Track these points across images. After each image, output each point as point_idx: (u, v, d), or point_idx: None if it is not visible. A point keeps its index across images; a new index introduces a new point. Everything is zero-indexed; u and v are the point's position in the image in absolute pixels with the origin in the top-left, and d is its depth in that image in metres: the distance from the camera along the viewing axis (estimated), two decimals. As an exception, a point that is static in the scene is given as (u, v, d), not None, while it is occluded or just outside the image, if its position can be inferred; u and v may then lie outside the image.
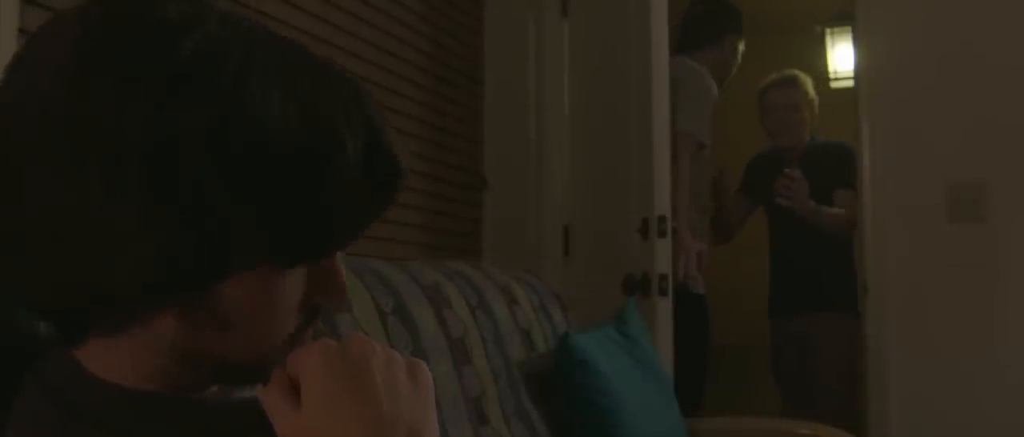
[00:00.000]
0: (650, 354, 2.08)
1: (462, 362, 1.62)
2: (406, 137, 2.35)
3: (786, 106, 3.18)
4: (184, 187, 0.55)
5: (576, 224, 2.67)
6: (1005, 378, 2.64)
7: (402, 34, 2.37)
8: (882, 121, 2.80)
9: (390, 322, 1.47)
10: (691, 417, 2.21)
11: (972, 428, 2.64)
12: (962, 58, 2.72)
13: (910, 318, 2.73)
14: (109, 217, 0.55)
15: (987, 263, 2.68)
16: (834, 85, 3.83)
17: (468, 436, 1.54)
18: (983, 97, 2.69)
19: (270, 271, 0.62)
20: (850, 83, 3.30)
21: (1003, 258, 2.67)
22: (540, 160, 2.69)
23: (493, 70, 2.76)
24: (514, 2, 2.75)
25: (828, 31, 3.89)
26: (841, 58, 3.82)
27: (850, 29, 3.24)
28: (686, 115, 2.75)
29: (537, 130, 2.69)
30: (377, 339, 0.76)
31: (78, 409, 0.63)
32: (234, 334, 0.63)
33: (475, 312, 1.75)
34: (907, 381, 2.72)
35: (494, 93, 2.75)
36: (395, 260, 1.72)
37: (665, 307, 2.44)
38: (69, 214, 0.56)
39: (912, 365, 2.72)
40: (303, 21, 1.98)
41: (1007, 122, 2.68)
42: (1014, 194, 2.66)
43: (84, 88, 0.56)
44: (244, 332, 0.63)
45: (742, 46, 3.07)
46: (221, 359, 0.63)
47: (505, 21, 2.75)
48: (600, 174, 2.62)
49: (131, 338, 0.62)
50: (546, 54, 2.70)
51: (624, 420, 1.82)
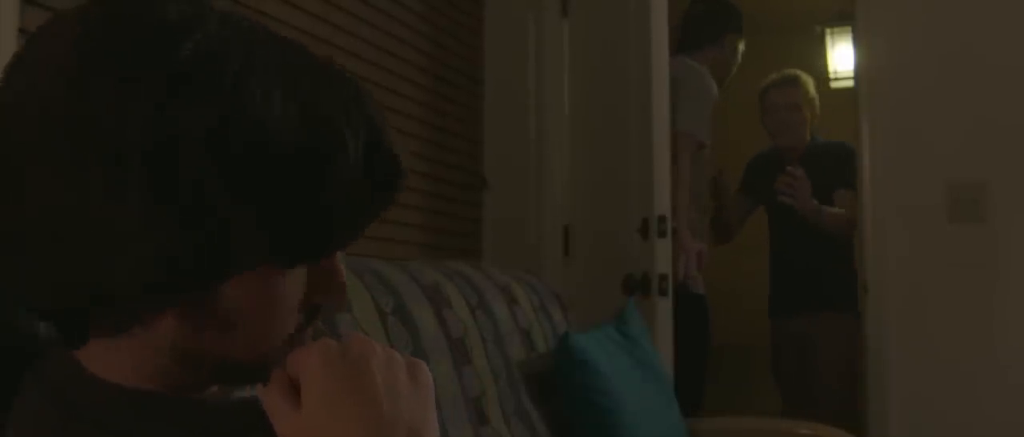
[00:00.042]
0: (650, 354, 2.08)
1: (462, 362, 1.62)
2: (406, 137, 2.35)
3: (787, 106, 3.18)
4: (184, 187, 0.55)
5: (576, 224, 2.67)
6: (1005, 378, 2.64)
7: (402, 34, 2.37)
8: (882, 121, 2.80)
9: (390, 322, 1.47)
10: (691, 417, 2.21)
11: (972, 428, 2.64)
12: (962, 58, 2.72)
13: (910, 318, 2.72)
14: (109, 217, 0.55)
15: (987, 263, 2.68)
16: (834, 85, 3.83)
17: (468, 436, 1.54)
18: (983, 97, 2.69)
19: (270, 271, 0.62)
20: (850, 83, 3.30)
21: (1003, 258, 2.67)
22: (540, 160, 2.69)
23: (493, 70, 2.76)
24: (514, 2, 2.75)
25: (828, 31, 3.88)
26: (841, 58, 3.82)
27: (850, 29, 3.24)
28: (686, 115, 2.75)
29: (537, 130, 2.69)
30: (377, 339, 0.76)
31: (78, 409, 0.63)
32: (235, 334, 0.63)
33: (475, 312, 1.75)
34: (907, 381, 2.72)
35: (494, 93, 2.75)
36: (395, 260, 1.72)
37: (665, 307, 2.44)
38: (69, 214, 0.56)
39: (912, 365, 2.72)
40: (303, 21, 1.98)
41: (1007, 122, 2.68)
42: (1014, 194, 2.66)
43: (84, 88, 0.56)
44: (245, 332, 0.63)
45: (742, 46, 3.07)
46: (222, 359, 0.64)
47: (505, 21, 2.75)
48: (600, 174, 2.62)
49: (131, 338, 0.62)
50: (546, 54, 2.70)
51: (624, 420, 1.82)
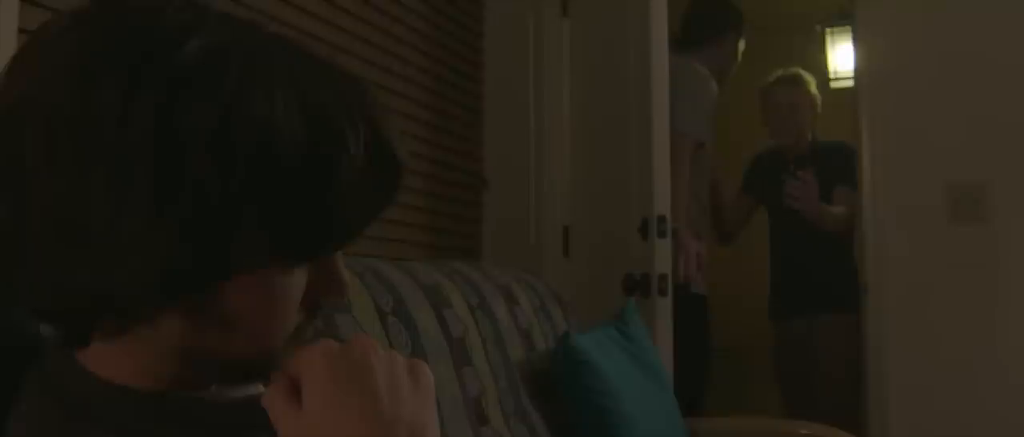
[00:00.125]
0: (650, 354, 2.07)
1: (462, 362, 1.62)
2: (406, 137, 2.35)
3: (788, 105, 3.18)
4: (187, 188, 0.55)
5: (576, 224, 2.67)
6: (1005, 378, 2.65)
7: (402, 34, 2.37)
8: (882, 121, 2.80)
9: (390, 322, 1.47)
10: (691, 417, 2.20)
11: (972, 428, 2.64)
12: (962, 58, 2.72)
13: (910, 318, 2.73)
14: (111, 219, 0.55)
15: (987, 263, 2.68)
16: (834, 85, 3.83)
17: (468, 436, 1.54)
18: (983, 97, 2.70)
19: (273, 270, 0.62)
20: (850, 83, 3.30)
21: (1003, 258, 2.67)
22: (540, 160, 2.68)
23: (493, 70, 2.76)
24: (514, 2, 2.74)
25: (828, 31, 3.88)
26: (841, 58, 3.82)
27: (850, 29, 3.24)
28: (684, 115, 2.74)
29: (537, 130, 2.69)
30: (377, 339, 0.76)
31: (80, 408, 0.63)
32: (237, 333, 0.63)
33: (475, 312, 1.75)
34: (907, 381, 2.72)
35: (494, 93, 2.75)
36: (395, 260, 1.72)
37: (665, 307, 2.44)
38: (71, 216, 0.56)
39: (912, 365, 2.72)
40: (303, 21, 1.98)
41: (1007, 122, 2.68)
42: (1014, 194, 2.66)
43: (86, 91, 0.56)
44: (247, 331, 0.63)
45: (742, 45, 3.07)
46: (223, 358, 0.64)
47: (505, 21, 2.75)
48: (600, 174, 2.62)
49: (133, 338, 0.62)
50: (546, 54, 2.70)
51: (624, 420, 1.82)
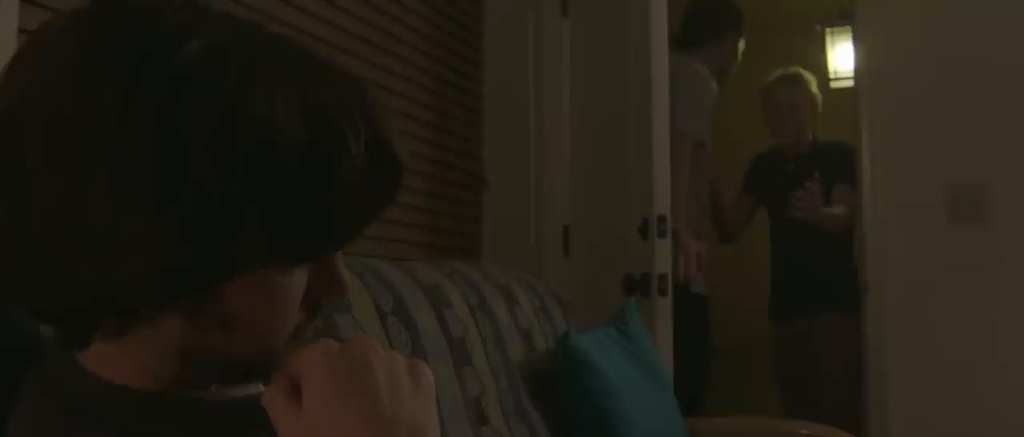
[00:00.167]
0: (650, 354, 2.07)
1: (462, 362, 1.62)
2: (406, 137, 2.35)
3: (789, 104, 3.18)
4: (187, 189, 0.55)
5: (576, 224, 2.67)
6: (1005, 378, 2.64)
7: (402, 34, 2.37)
8: (882, 121, 2.80)
9: (390, 322, 1.47)
10: (691, 417, 2.20)
11: (972, 428, 2.64)
12: (961, 57, 2.72)
13: (910, 318, 2.72)
14: (112, 219, 0.55)
15: (987, 263, 2.68)
16: (834, 85, 3.83)
17: (468, 436, 1.54)
18: (983, 97, 2.69)
19: (273, 270, 0.62)
20: (850, 83, 3.30)
21: (1003, 258, 2.67)
22: (540, 160, 2.68)
23: (493, 70, 2.76)
24: (514, 2, 2.74)
25: (828, 31, 3.88)
26: (841, 58, 3.82)
27: (850, 29, 3.24)
28: (684, 115, 2.74)
29: (537, 130, 2.69)
30: (377, 339, 0.76)
31: (80, 408, 0.63)
32: (237, 333, 0.63)
33: (475, 312, 1.74)
34: (907, 381, 2.72)
35: (494, 93, 2.75)
36: (395, 260, 1.72)
37: (665, 307, 2.44)
38: (72, 217, 0.56)
39: (912, 365, 2.72)
40: (303, 21, 1.98)
41: (1007, 122, 2.68)
42: (1014, 194, 2.66)
43: (87, 91, 0.56)
44: (247, 331, 0.63)
45: (742, 45, 3.07)
46: (224, 357, 0.64)
47: (505, 21, 2.75)
48: (600, 174, 2.62)
49: (133, 338, 0.62)
50: (546, 54, 2.70)
51: (624, 420, 1.82)
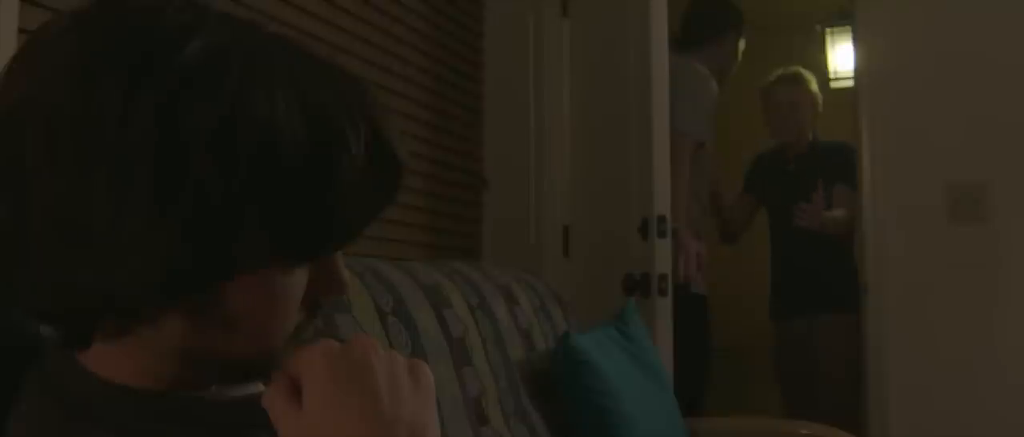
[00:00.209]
0: (650, 354, 2.07)
1: (462, 362, 1.62)
2: (406, 137, 2.35)
3: (789, 103, 3.18)
4: (187, 189, 0.55)
5: (576, 224, 2.67)
6: (1005, 378, 2.64)
7: (402, 34, 2.37)
8: (882, 121, 2.80)
9: (390, 322, 1.47)
10: (691, 417, 2.20)
11: (972, 428, 2.64)
12: (961, 57, 2.72)
13: (910, 318, 2.72)
14: (112, 219, 0.55)
15: (987, 263, 2.68)
16: (834, 85, 3.83)
17: (468, 436, 1.54)
18: (983, 97, 2.69)
19: (274, 270, 0.62)
20: (850, 83, 3.30)
21: (1003, 258, 2.67)
22: (540, 160, 2.68)
23: (493, 70, 2.76)
24: (514, 2, 2.74)
25: (828, 31, 3.88)
26: (841, 58, 3.82)
27: (850, 29, 3.24)
28: (684, 115, 2.74)
29: (537, 130, 2.69)
30: (377, 339, 0.76)
31: (80, 408, 0.63)
32: (238, 333, 0.63)
33: (475, 312, 1.74)
34: (907, 381, 2.72)
35: (494, 93, 2.75)
36: (395, 260, 1.72)
37: (665, 307, 2.44)
38: (73, 217, 0.56)
39: (912, 365, 2.72)
40: (303, 21, 1.98)
41: (1007, 122, 2.68)
42: (1014, 194, 2.66)
43: (87, 91, 0.56)
44: (248, 330, 0.63)
45: (742, 45, 3.07)
46: (225, 357, 0.64)
47: (505, 21, 2.75)
48: (600, 174, 2.62)
49: (134, 338, 0.62)
50: (546, 54, 2.70)
51: (624, 420, 1.82)
